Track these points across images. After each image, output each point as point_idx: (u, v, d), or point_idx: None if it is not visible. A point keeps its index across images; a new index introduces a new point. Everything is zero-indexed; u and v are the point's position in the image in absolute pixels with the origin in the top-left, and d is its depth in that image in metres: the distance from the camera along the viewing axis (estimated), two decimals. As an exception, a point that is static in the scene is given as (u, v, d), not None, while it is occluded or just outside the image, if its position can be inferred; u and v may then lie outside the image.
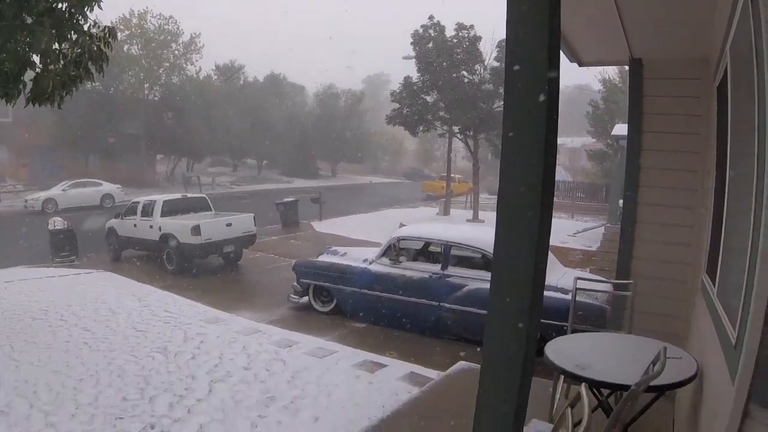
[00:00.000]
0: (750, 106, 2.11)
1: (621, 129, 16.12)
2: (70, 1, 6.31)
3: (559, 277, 7.23)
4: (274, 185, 39.52)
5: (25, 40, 6.19)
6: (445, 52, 22.27)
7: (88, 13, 6.51)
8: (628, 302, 4.53)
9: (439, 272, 7.96)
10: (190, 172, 37.45)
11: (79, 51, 6.52)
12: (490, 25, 20.08)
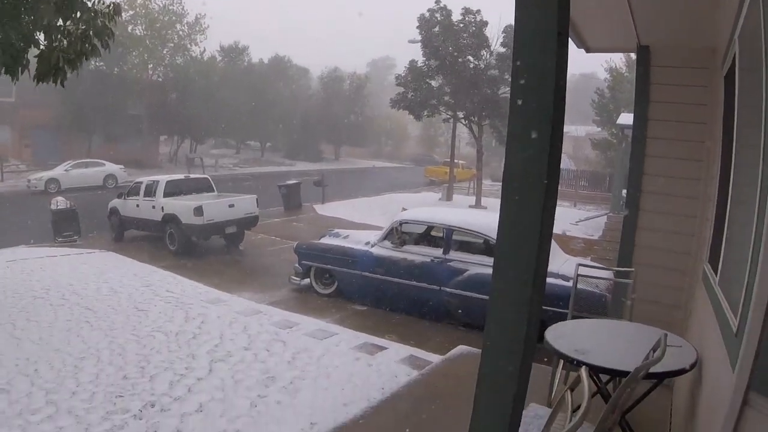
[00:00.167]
0: (758, 97, 2.10)
1: (626, 118, 16.03)
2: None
3: (561, 265, 7.25)
4: (277, 168, 39.43)
5: (29, 17, 6.15)
6: (451, 36, 22.08)
7: None
8: (628, 290, 4.53)
9: (440, 256, 7.97)
10: (193, 153, 37.28)
11: (84, 27, 6.48)
12: (497, 10, 19.95)
